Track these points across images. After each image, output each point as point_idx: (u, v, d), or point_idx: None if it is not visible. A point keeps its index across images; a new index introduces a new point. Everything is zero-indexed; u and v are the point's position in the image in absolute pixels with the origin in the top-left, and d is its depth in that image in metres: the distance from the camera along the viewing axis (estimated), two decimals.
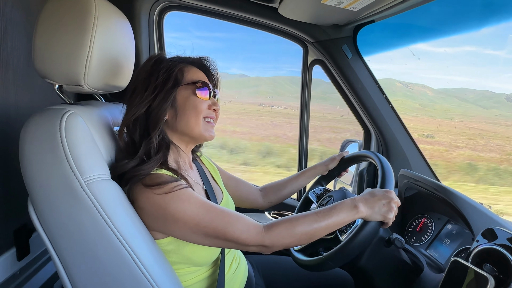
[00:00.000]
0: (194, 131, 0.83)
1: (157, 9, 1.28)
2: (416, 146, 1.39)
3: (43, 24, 0.69)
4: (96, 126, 0.75)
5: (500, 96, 15.43)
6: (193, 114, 0.81)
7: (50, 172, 0.62)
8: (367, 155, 1.03)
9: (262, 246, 0.74)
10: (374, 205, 0.78)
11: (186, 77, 0.82)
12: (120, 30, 0.84)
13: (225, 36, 44.88)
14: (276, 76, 23.58)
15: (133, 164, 0.74)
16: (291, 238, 0.74)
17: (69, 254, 0.66)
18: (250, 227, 0.74)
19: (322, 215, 0.76)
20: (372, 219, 0.78)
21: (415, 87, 13.54)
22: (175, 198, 0.70)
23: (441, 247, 1.06)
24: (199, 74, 0.86)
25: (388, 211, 0.77)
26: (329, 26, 1.29)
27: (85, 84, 0.72)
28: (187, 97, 0.81)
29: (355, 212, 0.77)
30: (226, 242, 0.74)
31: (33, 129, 0.64)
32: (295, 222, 0.75)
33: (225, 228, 0.72)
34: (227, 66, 34.88)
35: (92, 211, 0.62)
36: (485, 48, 62.98)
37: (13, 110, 0.86)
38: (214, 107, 0.85)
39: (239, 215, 0.76)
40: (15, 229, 0.87)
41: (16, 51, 0.87)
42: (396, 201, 0.79)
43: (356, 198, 0.79)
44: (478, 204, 0.92)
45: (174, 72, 0.79)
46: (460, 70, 49.00)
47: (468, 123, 7.17)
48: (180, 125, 0.82)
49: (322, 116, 8.65)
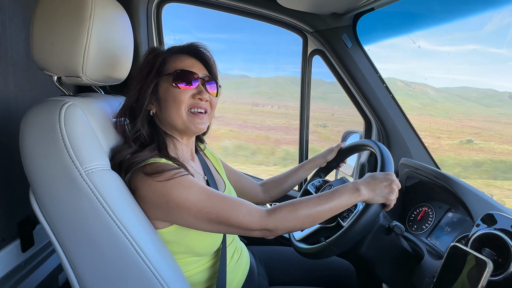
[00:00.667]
0: (177, 123, 0.81)
1: (155, 2, 1.27)
2: (417, 135, 1.39)
3: (40, 15, 0.69)
4: (95, 117, 0.75)
5: (503, 94, 15.26)
6: (173, 106, 0.80)
7: (50, 162, 0.62)
8: (365, 143, 1.03)
9: (266, 230, 0.74)
10: (375, 187, 0.78)
11: (167, 68, 0.81)
12: (118, 22, 0.84)
13: (226, 37, 44.41)
14: (277, 76, 23.46)
15: (129, 152, 0.75)
16: (294, 221, 0.75)
17: (72, 244, 0.67)
18: (253, 211, 0.74)
19: (325, 198, 0.77)
20: (374, 201, 0.78)
21: (417, 86, 13.46)
22: (176, 185, 0.71)
23: (442, 235, 1.06)
24: (185, 62, 0.82)
25: (390, 193, 0.78)
26: (329, 15, 1.28)
27: (83, 76, 0.73)
28: (166, 88, 0.80)
29: (357, 195, 0.77)
30: (229, 228, 0.74)
31: (33, 120, 0.64)
32: (298, 205, 0.76)
33: (228, 213, 0.72)
34: (229, 67, 34.29)
35: (92, 201, 0.63)
36: (489, 46, 63.78)
37: (13, 103, 0.87)
38: (199, 96, 0.81)
39: (241, 200, 0.76)
40: (19, 221, 0.88)
41: (15, 45, 0.87)
42: (396, 183, 0.80)
43: (357, 182, 0.80)
44: (478, 191, 0.92)
45: (157, 62, 0.80)
46: (463, 69, 48.18)
47: (467, 122, 7.14)
48: (164, 117, 0.82)
49: (312, 116, 8.83)
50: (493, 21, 32.84)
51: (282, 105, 10.18)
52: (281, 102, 9.82)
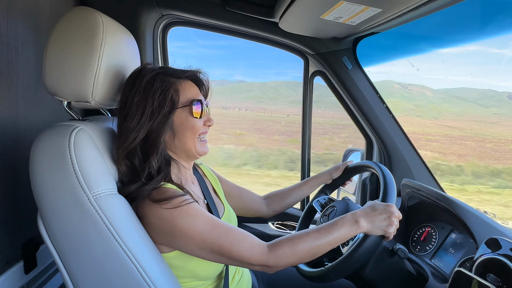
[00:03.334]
0: (191, 150, 0.84)
1: (161, 25, 1.32)
2: (418, 155, 1.40)
3: (54, 43, 0.72)
4: (103, 140, 0.77)
5: (501, 94, 15.30)
6: (190, 134, 0.82)
7: (60, 186, 0.64)
8: (370, 165, 1.04)
9: (266, 266, 0.75)
10: (374, 219, 0.79)
11: (181, 98, 0.81)
12: (126, 47, 0.87)
13: (228, 43, 45.22)
14: (271, 81, 23.71)
15: (137, 187, 0.75)
16: (294, 257, 0.75)
17: (77, 267, 0.67)
18: (255, 246, 0.74)
19: (324, 232, 0.77)
20: (373, 233, 0.79)
21: (414, 88, 13.52)
22: (182, 213, 0.71)
23: (446, 256, 1.05)
24: (194, 90, 0.84)
25: (389, 225, 0.78)
26: (329, 39, 1.32)
27: (92, 101, 0.75)
28: (184, 118, 0.81)
29: (356, 227, 0.78)
30: (230, 260, 0.74)
31: (43, 144, 0.66)
32: (297, 240, 0.76)
33: (231, 246, 0.72)
34: (231, 74, 34.41)
35: (99, 225, 0.64)
36: (489, 47, 65.31)
37: (22, 126, 0.89)
38: (208, 123, 0.86)
39: (244, 233, 0.76)
40: (23, 242, 0.89)
41: (26, 69, 0.90)
42: (396, 215, 0.80)
43: (357, 213, 0.80)
44: (480, 213, 0.92)
45: (169, 93, 0.78)
46: (463, 70, 47.93)
47: (446, 122, 7.11)
48: (178, 145, 0.83)
49: (287, 119, 8.84)
50: (494, 22, 33.53)
51: (269, 109, 10.22)
52: (268, 106, 9.83)
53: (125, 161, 0.77)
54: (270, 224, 1.58)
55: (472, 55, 42.26)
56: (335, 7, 0.95)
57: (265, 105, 9.63)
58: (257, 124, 4.41)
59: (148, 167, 0.76)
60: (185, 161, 0.88)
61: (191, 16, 1.30)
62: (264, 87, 11.82)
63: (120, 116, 0.79)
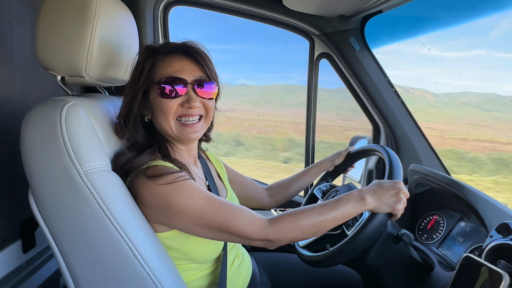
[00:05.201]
0: (168, 132, 0.79)
1: (162, 4, 1.28)
2: (427, 140, 1.35)
3: (45, 15, 0.70)
4: (98, 118, 0.75)
5: (505, 98, 14.88)
6: (161, 115, 0.77)
7: (50, 161, 0.62)
8: (374, 148, 1.01)
9: (267, 241, 0.72)
10: (382, 196, 0.75)
11: (156, 73, 0.76)
12: (123, 23, 0.84)
13: (233, 47, 41.91)
14: (271, 84, 23.47)
15: (129, 156, 0.74)
16: (296, 231, 0.73)
17: (70, 247, 0.66)
18: (254, 221, 0.72)
19: (328, 207, 0.74)
20: (380, 210, 0.75)
21: (416, 91, 13.26)
22: (177, 189, 0.69)
23: (454, 245, 1.02)
24: (175, 66, 0.76)
25: (397, 202, 0.75)
26: (336, 18, 1.26)
27: (86, 75, 0.72)
28: (155, 97, 0.77)
29: (362, 204, 0.74)
30: (229, 236, 0.72)
31: (34, 119, 0.64)
32: (300, 215, 0.73)
33: (229, 221, 0.70)
34: (236, 77, 33.23)
35: (90, 201, 0.62)
36: (497, 51, 51.29)
37: (18, 103, 0.87)
38: (187, 105, 0.76)
39: (243, 208, 0.74)
40: (21, 221, 0.88)
41: (21, 45, 0.88)
42: (404, 192, 0.77)
43: (363, 190, 0.77)
44: (492, 199, 0.88)
45: (145, 67, 0.75)
46: (468, 74, 44.11)
47: (432, 125, 6.89)
48: (157, 125, 0.80)
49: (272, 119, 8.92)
50: (500, 26, 31.52)
51: (258, 111, 10.19)
52: (259, 109, 9.75)
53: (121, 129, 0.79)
54: (273, 211, 1.56)
55: (479, 59, 39.18)
56: None
57: (259, 108, 9.52)
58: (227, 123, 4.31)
59: (128, 137, 0.78)
60: (177, 142, 0.84)
61: None
62: (264, 90, 11.78)
63: None
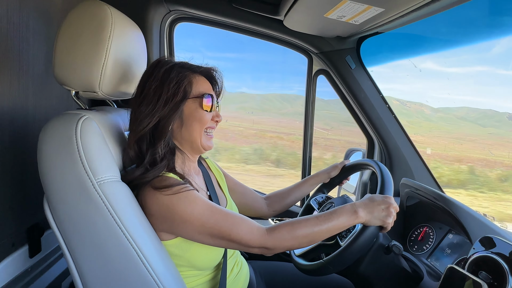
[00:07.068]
0: (196, 142, 0.86)
1: (169, 20, 1.34)
2: (419, 155, 1.41)
3: (64, 34, 0.75)
4: (108, 130, 0.79)
5: (502, 115, 15.02)
6: (197, 126, 0.85)
7: (66, 172, 0.66)
8: (368, 163, 1.06)
9: (265, 248, 0.77)
10: (373, 210, 0.80)
11: (194, 90, 0.84)
12: (134, 40, 0.89)
13: (235, 56, 42.04)
14: (269, 93, 23.36)
15: (139, 173, 0.77)
16: (292, 240, 0.77)
17: (81, 251, 0.69)
18: (253, 229, 0.77)
19: (323, 219, 0.79)
20: (371, 223, 0.80)
21: (413, 105, 13.34)
22: (182, 199, 0.74)
23: (442, 256, 1.06)
24: (206, 85, 0.88)
25: (387, 216, 0.80)
26: (333, 38, 1.33)
27: (99, 91, 0.77)
28: (194, 109, 0.84)
29: (355, 217, 0.79)
30: (230, 243, 0.77)
31: (51, 132, 0.68)
32: (296, 225, 0.78)
33: (230, 230, 0.75)
34: (237, 86, 32.82)
35: (103, 210, 0.66)
36: (497, 68, 45.39)
37: (31, 114, 0.91)
38: (216, 119, 0.90)
39: (243, 217, 0.79)
40: (28, 227, 0.92)
41: (36, 60, 0.92)
42: (394, 206, 0.81)
43: (356, 204, 0.82)
44: (477, 213, 0.93)
45: (183, 84, 0.82)
46: (467, 89, 44.02)
47: (415, 137, 6.95)
48: (184, 134, 0.86)
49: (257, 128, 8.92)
50: (501, 43, 32.24)
51: (248, 119, 10.23)
52: (250, 117, 9.83)
53: (135, 146, 0.81)
54: (270, 220, 1.59)
55: (479, 75, 39.53)
56: (338, 6, 0.97)
57: (252, 116, 9.57)
58: None
59: (154, 153, 0.80)
60: (190, 153, 0.90)
61: (197, 12, 1.32)
62: (261, 99, 11.91)
63: (135, 102, 0.82)
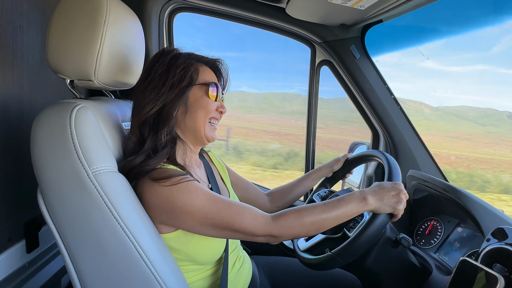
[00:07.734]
0: (199, 131, 0.84)
1: (168, 10, 1.31)
2: (425, 147, 1.37)
3: (57, 21, 0.72)
4: (105, 120, 0.77)
5: (502, 113, 14.88)
6: (202, 114, 0.83)
7: (60, 163, 0.63)
8: (372, 153, 1.02)
9: (271, 236, 0.74)
10: (383, 196, 0.77)
11: (200, 77, 0.83)
12: (131, 28, 0.86)
13: (236, 55, 45.35)
14: (268, 92, 23.29)
15: (140, 160, 0.75)
16: (299, 228, 0.74)
17: (76, 245, 0.67)
18: (258, 217, 0.74)
19: (331, 205, 0.76)
20: (381, 211, 0.77)
21: (412, 104, 13.17)
22: (182, 190, 0.71)
23: (451, 250, 1.03)
24: (212, 75, 0.87)
25: (398, 202, 0.76)
26: (337, 26, 1.29)
27: (95, 79, 0.74)
28: (199, 97, 0.82)
29: (363, 204, 0.76)
30: (234, 233, 0.74)
31: (44, 121, 0.66)
32: (303, 212, 0.75)
33: (233, 219, 0.72)
34: (239, 85, 33.81)
35: (98, 201, 0.63)
36: (498, 67, 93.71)
37: (26, 105, 0.89)
38: (221, 109, 0.88)
39: (246, 205, 0.76)
40: (25, 221, 0.89)
41: (31, 49, 0.90)
42: (404, 192, 0.78)
43: (365, 190, 0.79)
44: (489, 205, 0.90)
45: (190, 71, 0.81)
46: (468, 88, 48.35)
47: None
48: (188, 122, 0.83)
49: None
50: (502, 42, 32.20)
51: (244, 117, 10.34)
52: (242, 115, 9.80)
53: (137, 131, 0.79)
54: None
55: (480, 74, 42.02)
56: None
57: (249, 115, 9.52)
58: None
59: (156, 139, 0.78)
60: (192, 143, 0.88)
61: (197, 1, 1.29)
62: (260, 98, 11.79)
63: (140, 88, 0.81)
